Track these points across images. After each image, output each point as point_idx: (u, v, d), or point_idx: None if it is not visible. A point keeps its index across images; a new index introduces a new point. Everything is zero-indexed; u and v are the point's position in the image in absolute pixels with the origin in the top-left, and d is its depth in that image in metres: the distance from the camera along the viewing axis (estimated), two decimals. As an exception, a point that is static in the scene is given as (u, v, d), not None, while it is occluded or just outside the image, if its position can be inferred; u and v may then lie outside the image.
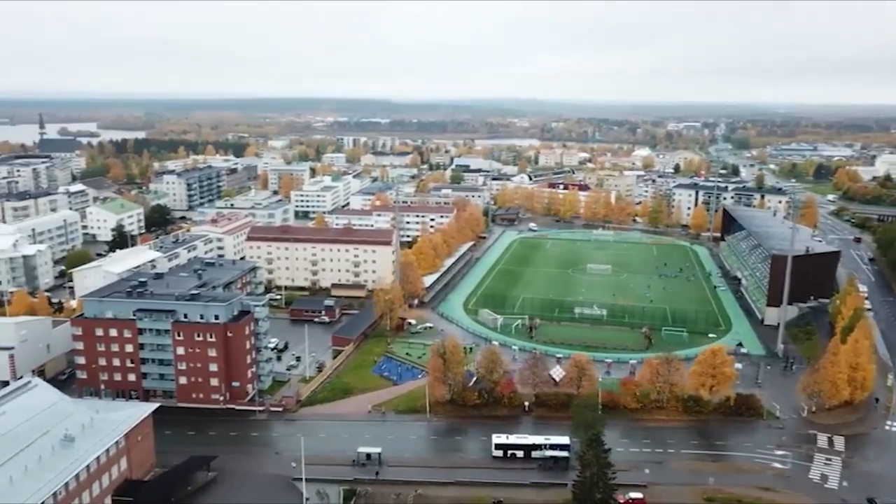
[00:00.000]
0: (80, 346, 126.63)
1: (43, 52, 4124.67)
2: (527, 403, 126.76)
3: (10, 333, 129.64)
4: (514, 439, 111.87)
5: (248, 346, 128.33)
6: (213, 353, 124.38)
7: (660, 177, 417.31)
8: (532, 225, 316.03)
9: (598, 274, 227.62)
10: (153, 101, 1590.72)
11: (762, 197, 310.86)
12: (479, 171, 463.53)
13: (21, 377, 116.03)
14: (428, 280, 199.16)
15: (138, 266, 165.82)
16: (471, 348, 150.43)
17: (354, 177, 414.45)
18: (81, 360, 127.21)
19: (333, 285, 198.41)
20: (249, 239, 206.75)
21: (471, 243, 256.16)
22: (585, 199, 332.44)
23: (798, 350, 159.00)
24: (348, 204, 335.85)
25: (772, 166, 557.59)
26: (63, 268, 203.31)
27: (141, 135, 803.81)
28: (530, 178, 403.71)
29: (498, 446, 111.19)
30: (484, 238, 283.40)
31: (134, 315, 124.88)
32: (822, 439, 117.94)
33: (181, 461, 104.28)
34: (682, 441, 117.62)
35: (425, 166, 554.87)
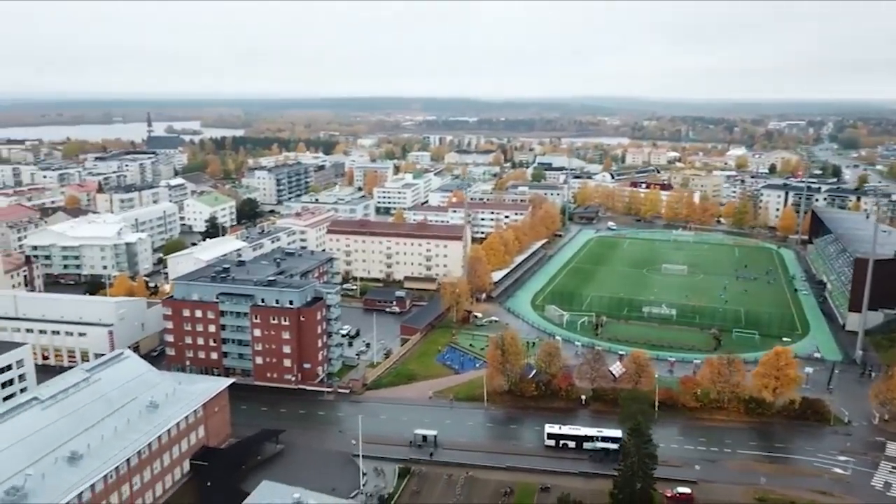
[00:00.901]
0: (169, 325, 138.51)
1: (154, 55, 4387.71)
2: (584, 397, 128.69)
3: (109, 312, 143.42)
4: (566, 430, 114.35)
5: (319, 330, 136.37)
6: (286, 335, 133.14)
7: (752, 177, 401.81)
8: (610, 224, 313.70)
9: (672, 274, 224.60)
10: (252, 101, 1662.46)
11: (858, 199, 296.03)
12: (561, 169, 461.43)
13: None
14: (497, 275, 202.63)
15: (225, 254, 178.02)
16: (533, 343, 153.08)
17: (436, 174, 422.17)
18: (170, 339, 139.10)
19: (406, 278, 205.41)
20: (329, 232, 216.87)
21: (544, 241, 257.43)
22: (667, 198, 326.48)
23: (879, 357, 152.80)
24: (427, 201, 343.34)
25: (880, 167, 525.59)
26: (161, 255, 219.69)
27: (239, 133, 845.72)
28: (612, 177, 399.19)
29: (550, 436, 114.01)
30: (560, 236, 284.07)
31: (217, 298, 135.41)
32: (893, 448, 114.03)
33: (253, 433, 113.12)
34: (739, 441, 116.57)
35: (508, 164, 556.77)
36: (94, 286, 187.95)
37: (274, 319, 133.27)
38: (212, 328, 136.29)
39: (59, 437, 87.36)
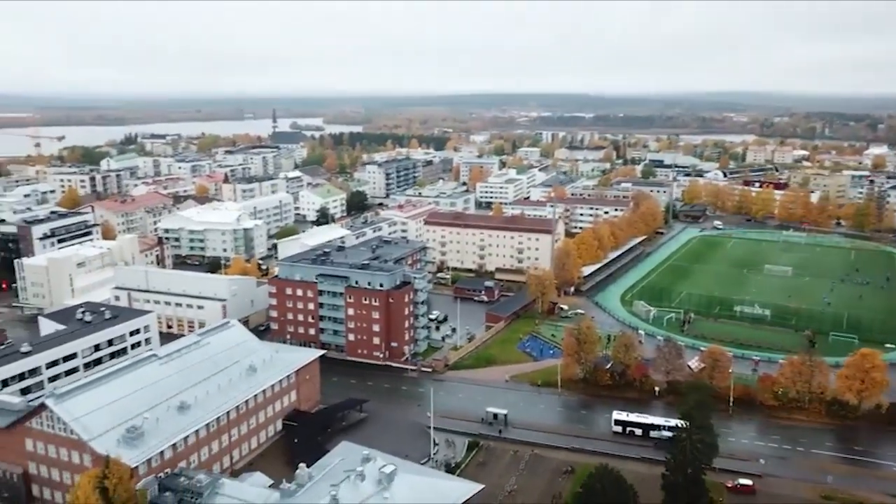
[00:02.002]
0: (274, 301, 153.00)
1: (279, 53, 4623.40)
2: (657, 389, 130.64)
3: (223, 288, 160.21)
4: (633, 417, 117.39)
5: (406, 312, 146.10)
6: (376, 315, 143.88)
7: (889, 178, 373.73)
8: (717, 223, 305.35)
9: (775, 275, 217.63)
10: (372, 98, 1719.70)
11: None
12: (673, 166, 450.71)
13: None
14: (588, 269, 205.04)
15: (329, 241, 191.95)
16: (613, 336, 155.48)
17: (541, 170, 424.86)
18: (274, 314, 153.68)
19: (497, 269, 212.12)
20: (426, 223, 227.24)
21: (643, 237, 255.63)
22: (781, 198, 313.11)
23: None
24: (529, 196, 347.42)
25: None
26: (275, 240, 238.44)
27: (358, 129, 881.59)
28: (724, 175, 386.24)
29: (618, 422, 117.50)
30: (661, 233, 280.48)
31: (316, 278, 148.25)
32: None
33: (340, 401, 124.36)
34: (815, 442, 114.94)
35: (619, 161, 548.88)
36: (214, 266, 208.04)
37: (365, 300, 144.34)
38: (311, 306, 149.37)
39: (171, 389, 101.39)
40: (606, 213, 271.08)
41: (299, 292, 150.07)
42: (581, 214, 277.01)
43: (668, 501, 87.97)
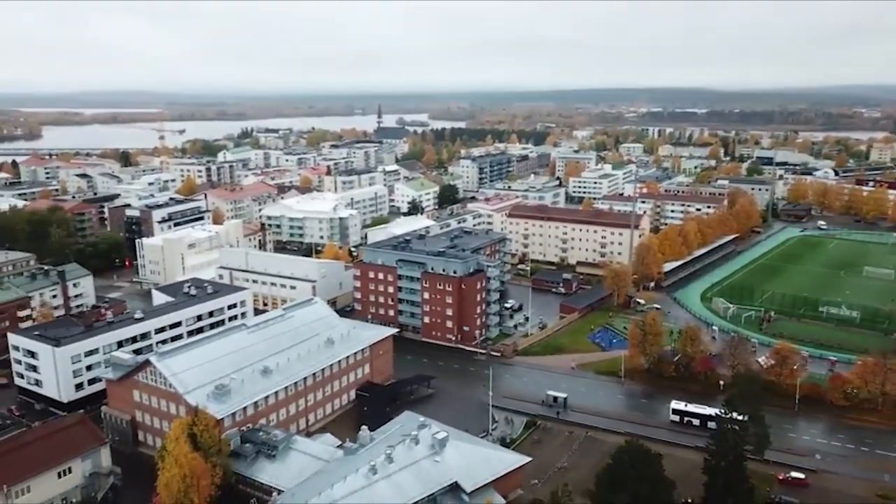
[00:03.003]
0: (358, 284, 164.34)
1: (391, 50, 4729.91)
2: (722, 383, 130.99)
3: (313, 270, 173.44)
4: (691, 408, 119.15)
5: (478, 298, 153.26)
6: (449, 300, 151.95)
7: None
8: (821, 223, 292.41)
9: (875, 278, 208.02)
10: (480, 94, 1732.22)
11: None
12: (783, 164, 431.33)
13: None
14: (670, 265, 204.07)
15: (415, 230, 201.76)
16: (682, 330, 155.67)
17: (639, 166, 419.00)
18: (358, 295, 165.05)
19: (578, 262, 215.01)
20: (510, 216, 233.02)
21: (734, 235, 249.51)
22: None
23: None
24: (623, 191, 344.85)
25: None
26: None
27: (461, 125, 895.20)
28: (836, 174, 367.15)
29: (675, 411, 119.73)
30: (757, 232, 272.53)
31: (395, 263, 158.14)
32: None
33: (410, 377, 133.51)
34: (882, 443, 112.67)
35: (727, 158, 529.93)
36: (310, 252, 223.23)
37: (440, 285, 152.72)
38: (390, 289, 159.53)
39: (257, 355, 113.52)
40: (698, 209, 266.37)
41: (381, 276, 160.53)
42: (672, 211, 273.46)
43: (708, 485, 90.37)
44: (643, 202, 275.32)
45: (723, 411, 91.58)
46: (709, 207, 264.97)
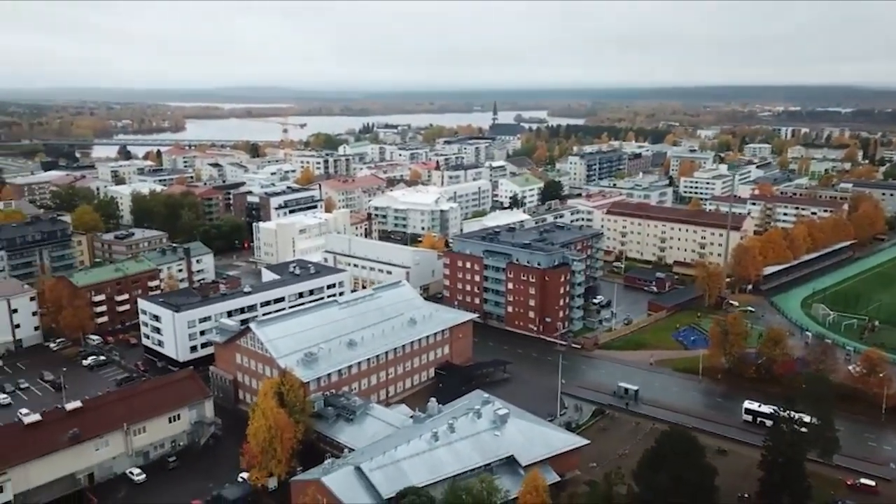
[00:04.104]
0: (447, 272, 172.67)
1: (514, 48, 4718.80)
2: (805, 387, 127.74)
3: (408, 257, 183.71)
4: (764, 408, 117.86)
5: (561, 291, 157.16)
6: (532, 291, 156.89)
7: None
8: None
9: None
10: (604, 91, 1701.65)
11: None
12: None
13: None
14: (771, 269, 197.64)
15: (509, 224, 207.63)
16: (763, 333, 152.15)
17: (759, 167, 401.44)
18: (447, 283, 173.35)
19: (676, 262, 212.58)
20: (608, 213, 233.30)
21: (852, 241, 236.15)
22: None
23: None
24: (737, 192, 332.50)
25: None
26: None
27: (579, 122, 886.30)
28: None
29: (748, 411, 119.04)
30: (881, 239, 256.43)
31: (482, 254, 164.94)
32: None
33: (487, 360, 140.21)
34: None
35: (865, 161, 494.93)
36: (412, 242, 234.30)
37: (523, 276, 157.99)
38: (476, 278, 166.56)
39: (345, 329, 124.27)
40: (813, 213, 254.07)
41: (468, 265, 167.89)
42: (784, 214, 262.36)
43: (764, 480, 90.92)
44: (753, 204, 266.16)
45: (781, 408, 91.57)
46: (825, 212, 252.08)
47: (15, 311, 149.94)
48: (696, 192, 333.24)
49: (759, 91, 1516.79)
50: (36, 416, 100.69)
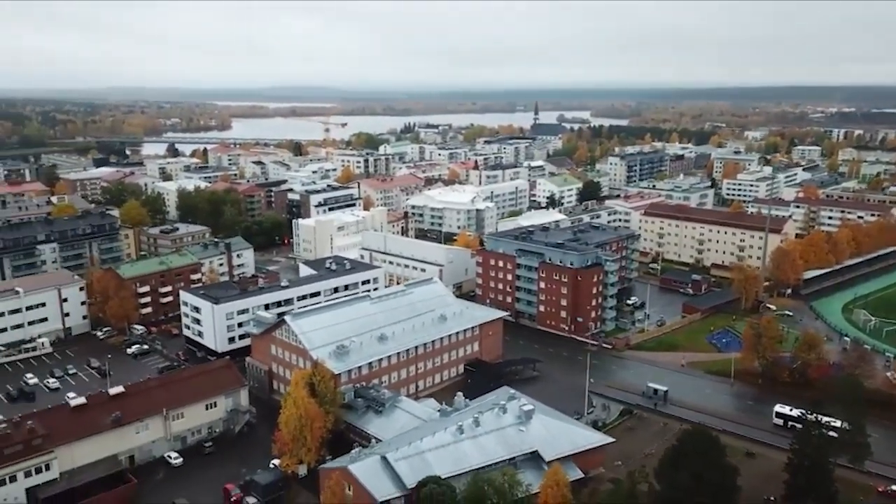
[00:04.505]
0: (479, 270, 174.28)
1: (557, 48, 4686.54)
2: (837, 391, 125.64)
3: (441, 255, 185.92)
4: (795, 412, 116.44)
5: (593, 291, 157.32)
6: (564, 290, 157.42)
7: None
8: None
9: None
10: (649, 91, 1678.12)
11: None
12: None
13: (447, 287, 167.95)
14: (813, 273, 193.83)
15: (543, 223, 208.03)
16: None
17: (806, 169, 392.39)
18: (479, 281, 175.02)
19: (713, 265, 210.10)
20: (646, 214, 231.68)
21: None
22: None
23: None
24: (780, 195, 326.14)
25: None
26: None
27: (623, 122, 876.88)
28: None
29: (779, 415, 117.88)
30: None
31: (515, 253, 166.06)
32: None
33: (517, 358, 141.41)
34: None
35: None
36: (447, 240, 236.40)
37: (555, 276, 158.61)
38: (509, 276, 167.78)
39: (376, 323, 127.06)
40: (860, 217, 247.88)
41: (500, 264, 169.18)
42: (829, 217, 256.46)
43: (789, 483, 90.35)
44: (797, 207, 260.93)
45: (809, 411, 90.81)
46: (872, 215, 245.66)
47: (65, 300, 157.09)
48: (739, 195, 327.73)
49: (812, 91, 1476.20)
50: (81, 400, 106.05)
